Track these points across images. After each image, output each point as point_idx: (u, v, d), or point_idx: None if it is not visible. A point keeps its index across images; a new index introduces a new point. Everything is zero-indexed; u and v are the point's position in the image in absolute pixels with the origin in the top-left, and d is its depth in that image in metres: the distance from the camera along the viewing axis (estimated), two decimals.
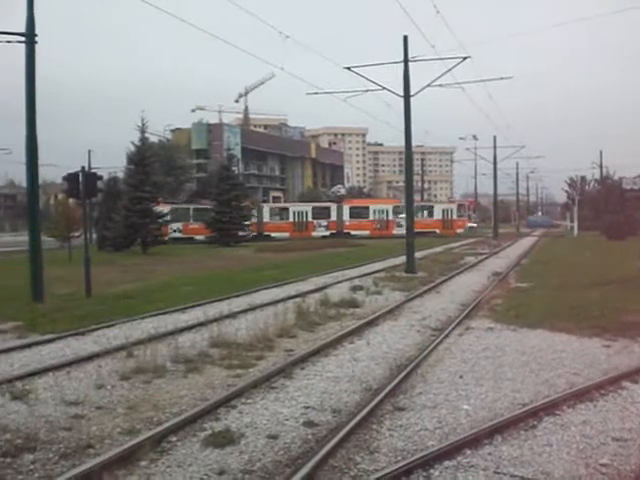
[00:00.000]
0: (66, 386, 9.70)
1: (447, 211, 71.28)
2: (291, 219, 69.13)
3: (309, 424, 7.89)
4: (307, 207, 71.84)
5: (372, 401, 8.54)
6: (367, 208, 71.38)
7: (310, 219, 69.31)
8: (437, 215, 70.29)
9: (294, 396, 9.05)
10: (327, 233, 67.76)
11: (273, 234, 65.02)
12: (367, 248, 47.24)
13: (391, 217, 69.68)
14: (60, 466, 6.71)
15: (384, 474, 6.31)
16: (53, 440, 7.41)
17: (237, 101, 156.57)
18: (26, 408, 8.63)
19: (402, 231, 67.26)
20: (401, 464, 6.55)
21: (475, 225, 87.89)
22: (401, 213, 70.02)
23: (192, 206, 66.45)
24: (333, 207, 71.28)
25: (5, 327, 14.85)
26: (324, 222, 69.42)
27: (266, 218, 67.93)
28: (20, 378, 10.04)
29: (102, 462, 6.48)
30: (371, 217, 69.93)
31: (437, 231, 66.34)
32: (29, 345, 12.86)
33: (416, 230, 67.96)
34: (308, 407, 8.56)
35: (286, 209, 71.70)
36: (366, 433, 7.55)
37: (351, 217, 69.74)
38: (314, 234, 67.13)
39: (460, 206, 75.45)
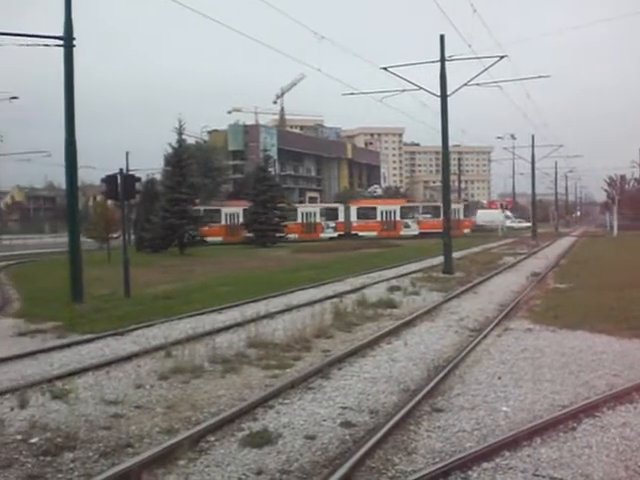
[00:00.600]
0: (105, 385, 9.80)
1: (454, 211, 70.15)
2: (300, 220, 67.92)
3: (346, 425, 7.86)
4: (315, 208, 71.02)
5: (410, 402, 8.49)
6: (375, 209, 70.41)
7: (318, 220, 68.56)
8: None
9: (331, 396, 9.04)
10: (335, 234, 66.88)
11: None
12: (404, 249, 47.08)
13: (399, 218, 68.94)
14: (100, 465, 6.77)
15: (422, 475, 6.28)
16: (93, 439, 7.49)
17: (275, 102, 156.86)
18: (66, 407, 8.73)
19: (410, 232, 67.18)
20: (439, 465, 6.51)
21: (529, 225, 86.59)
22: (408, 214, 69.58)
23: (202, 207, 61.05)
24: (341, 208, 70.50)
25: (45, 327, 15.09)
26: (332, 223, 68.78)
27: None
28: (60, 377, 10.17)
29: (141, 461, 6.52)
30: (379, 218, 69.14)
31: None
32: (69, 345, 13.05)
33: (423, 231, 66.80)
34: (345, 408, 8.54)
35: (294, 210, 69.76)
36: (404, 434, 7.51)
37: (359, 218, 69.09)
38: (322, 235, 66.38)
39: (466, 207, 74.34)
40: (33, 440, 7.44)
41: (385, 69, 29.03)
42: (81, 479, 6.41)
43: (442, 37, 28.20)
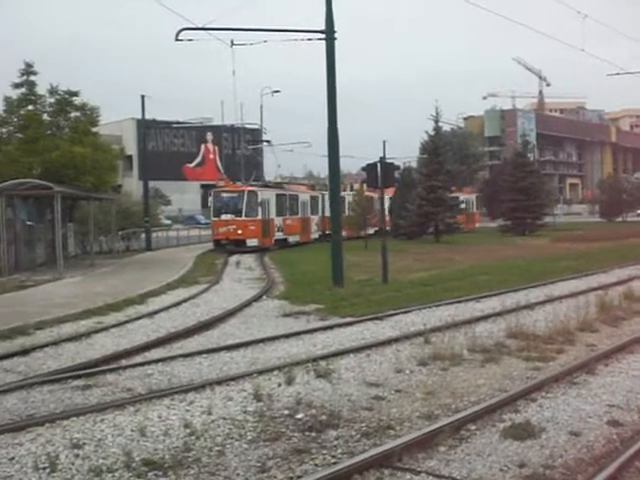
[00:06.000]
0: (366, 368, 10.07)
1: (468, 203, 60.53)
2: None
3: (613, 423, 7.48)
4: None
5: None
6: None
7: None
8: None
9: (597, 393, 8.63)
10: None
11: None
12: None
13: None
14: (362, 444, 6.95)
15: None
16: (355, 419, 7.72)
17: (548, 85, 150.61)
18: (329, 386, 9.10)
19: None
20: None
21: None
22: None
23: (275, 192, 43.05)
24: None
25: (309, 309, 15.83)
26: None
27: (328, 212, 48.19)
28: (323, 357, 10.63)
29: (403, 444, 6.62)
30: None
31: (461, 226, 51.53)
32: (331, 327, 13.58)
33: None
34: (612, 405, 8.12)
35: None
36: None
37: None
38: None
39: (478, 197, 65.51)
40: (299, 416, 7.82)
41: None
42: (344, 457, 6.59)
43: None
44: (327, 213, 45.02)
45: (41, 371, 10.27)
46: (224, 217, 37.48)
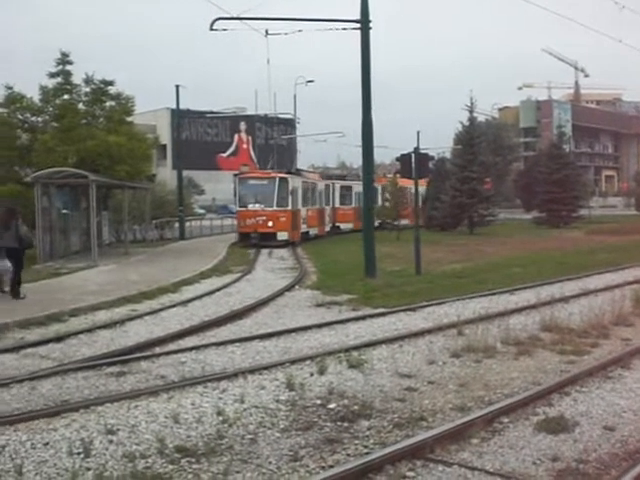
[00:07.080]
0: (399, 359, 10.04)
1: None
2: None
3: None
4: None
5: None
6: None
7: None
8: None
9: (632, 388, 8.52)
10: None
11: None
12: None
13: None
14: (394, 435, 6.94)
15: None
16: (387, 409, 7.71)
17: (587, 76, 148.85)
18: (362, 377, 9.09)
19: None
20: None
21: None
22: None
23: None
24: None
25: (341, 300, 15.82)
26: None
27: (337, 203, 45.56)
28: (356, 348, 10.61)
29: (435, 435, 6.59)
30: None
31: None
32: (363, 317, 13.58)
33: None
34: None
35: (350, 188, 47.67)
36: None
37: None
38: None
39: None
40: (331, 405, 7.84)
41: None
42: (376, 447, 6.58)
43: None
44: (337, 204, 44.99)
45: (76, 358, 10.39)
46: (252, 207, 33.90)
